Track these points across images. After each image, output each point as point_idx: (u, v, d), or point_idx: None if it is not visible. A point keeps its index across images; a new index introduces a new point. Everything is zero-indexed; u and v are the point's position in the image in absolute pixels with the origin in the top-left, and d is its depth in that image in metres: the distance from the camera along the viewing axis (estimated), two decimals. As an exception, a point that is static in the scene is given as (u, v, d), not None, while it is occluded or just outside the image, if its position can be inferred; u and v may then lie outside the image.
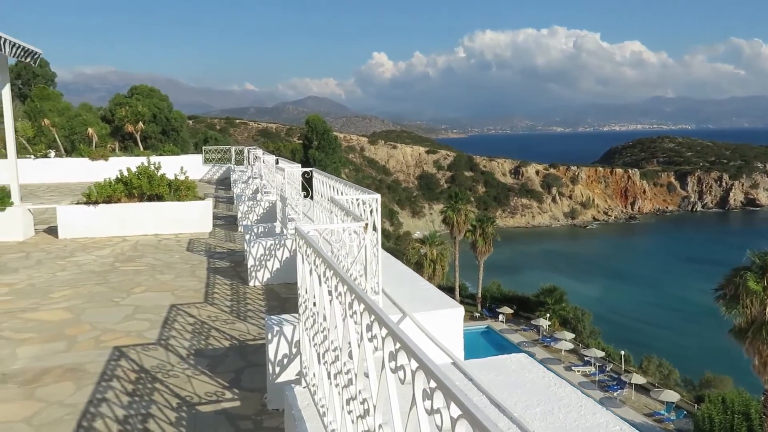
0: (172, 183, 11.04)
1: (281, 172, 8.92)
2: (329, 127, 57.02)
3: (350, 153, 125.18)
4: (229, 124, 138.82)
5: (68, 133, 31.34)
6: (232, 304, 6.29)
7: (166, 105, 43.30)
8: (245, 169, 19.11)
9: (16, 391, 4.20)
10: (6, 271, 7.84)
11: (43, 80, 42.16)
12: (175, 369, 4.54)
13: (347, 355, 2.22)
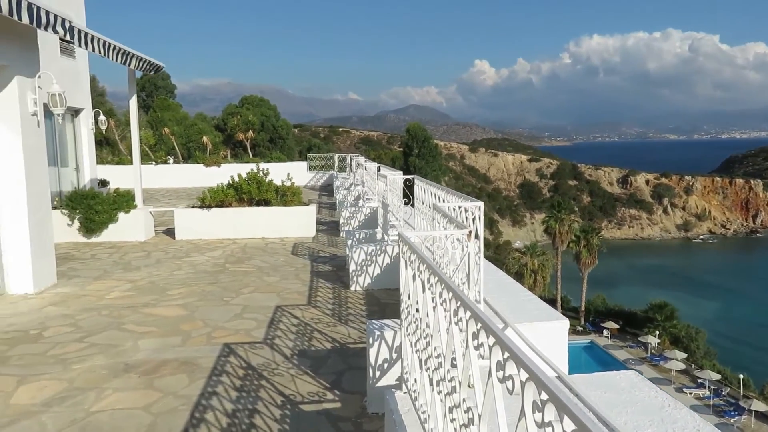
0: (279, 189, 11.47)
1: (383, 179, 9.03)
2: (429, 135, 57.18)
3: (450, 161, 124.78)
4: (332, 132, 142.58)
5: (185, 141, 33.41)
6: (333, 307, 6.43)
7: (273, 114, 45.17)
8: (347, 176, 19.52)
9: (137, 380, 4.51)
10: (130, 269, 8.45)
11: (165, 92, 45.22)
12: (280, 368, 4.69)
13: (451, 363, 2.21)
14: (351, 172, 18.93)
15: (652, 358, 37.78)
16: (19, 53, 6.89)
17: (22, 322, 5.99)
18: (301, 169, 24.07)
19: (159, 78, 44.35)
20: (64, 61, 14.02)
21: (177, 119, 37.32)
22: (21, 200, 6.96)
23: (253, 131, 34.69)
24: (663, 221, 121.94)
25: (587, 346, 40.10)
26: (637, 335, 41.63)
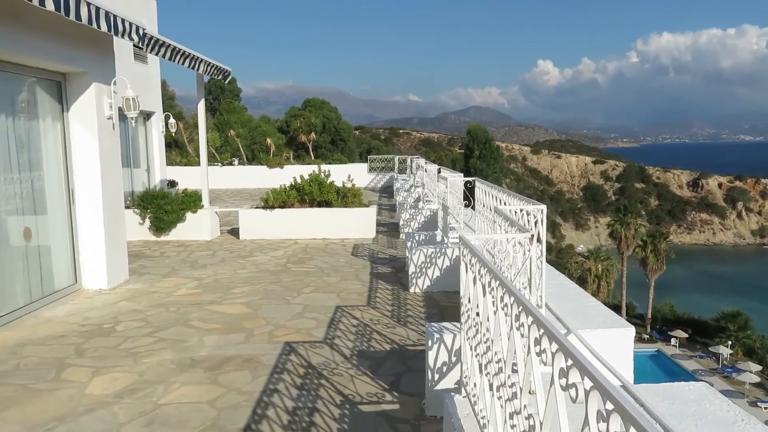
0: (340, 190, 11.60)
1: (443, 181, 9.00)
2: (491, 136, 56.56)
3: (512, 162, 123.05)
4: (392, 134, 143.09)
5: (249, 143, 34.26)
6: (393, 308, 6.45)
7: (335, 116, 45.73)
8: (407, 178, 19.54)
9: (202, 375, 4.65)
10: (196, 267, 8.74)
11: (231, 95, 46.51)
12: (339, 368, 4.75)
13: (511, 368, 2.18)
14: (411, 174, 18.94)
15: (724, 370, 36.10)
16: (97, 60, 7.23)
17: (96, 317, 6.29)
18: (362, 171, 24.26)
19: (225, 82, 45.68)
20: (137, 66, 14.64)
21: (242, 122, 38.34)
22: (97, 200, 7.30)
23: (315, 133, 35.21)
24: (737, 226, 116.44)
25: (654, 355, 38.69)
26: (708, 345, 39.86)
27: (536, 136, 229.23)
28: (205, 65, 10.21)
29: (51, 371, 4.77)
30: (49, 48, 6.28)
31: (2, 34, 5.53)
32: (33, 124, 6.81)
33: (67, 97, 7.15)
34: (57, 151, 7.11)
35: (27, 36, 5.90)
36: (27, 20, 5.83)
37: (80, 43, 6.84)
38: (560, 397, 1.60)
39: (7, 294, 6.24)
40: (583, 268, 45.72)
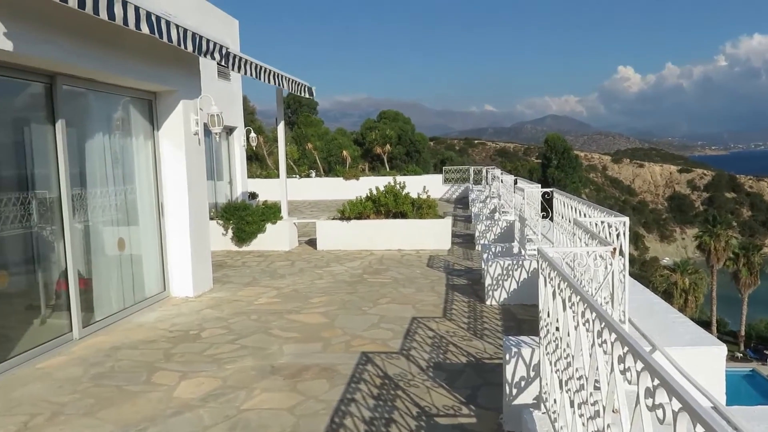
0: (415, 201, 11.64)
1: (520, 191, 8.86)
2: (569, 145, 55.23)
3: (591, 172, 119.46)
4: (467, 145, 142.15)
5: (326, 155, 34.95)
6: (469, 321, 6.40)
7: (410, 128, 45.95)
8: (483, 189, 19.35)
9: (282, 383, 4.78)
10: (276, 277, 8.99)
11: (308, 109, 47.64)
12: (416, 379, 4.75)
13: (593, 385, 2.13)
14: (486, 185, 18.75)
15: (828, 393, 33.51)
16: (184, 79, 7.61)
17: (183, 323, 6.58)
18: (437, 182, 24.23)
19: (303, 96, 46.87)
20: (221, 83, 15.27)
21: (319, 134, 39.19)
22: (184, 211, 7.66)
23: (390, 145, 35.52)
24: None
25: (748, 375, 36.31)
26: (809, 366, 37.14)
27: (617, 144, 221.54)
28: (287, 81, 10.53)
29: (142, 374, 5.03)
30: (142, 69, 6.67)
31: (102, 57, 5.93)
32: (127, 140, 7.25)
33: (157, 115, 7.57)
34: (148, 166, 7.52)
35: (124, 59, 6.29)
36: (123, 44, 6.22)
37: (170, 64, 7.23)
38: (646, 417, 1.55)
39: (103, 300, 6.63)
40: (669, 282, 43.61)
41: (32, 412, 4.33)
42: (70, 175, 5.99)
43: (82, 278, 6.22)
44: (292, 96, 44.80)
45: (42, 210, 5.82)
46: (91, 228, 6.53)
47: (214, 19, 14.95)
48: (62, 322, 5.95)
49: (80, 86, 6.29)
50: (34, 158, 5.83)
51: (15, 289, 5.66)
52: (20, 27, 4.77)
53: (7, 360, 5.15)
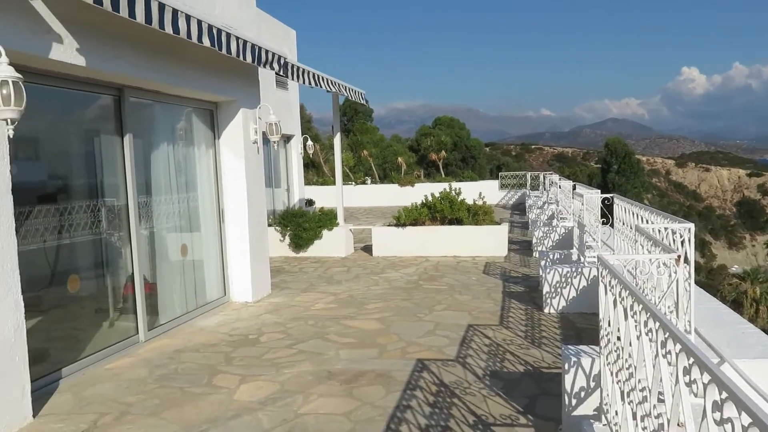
0: (471, 208, 11.56)
1: (579, 197, 8.68)
2: (630, 149, 53.75)
3: (654, 177, 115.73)
4: (524, 150, 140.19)
5: (381, 162, 35.13)
6: (526, 329, 6.30)
7: (465, 134, 45.69)
8: (540, 195, 19.05)
9: (338, 388, 4.82)
10: (332, 283, 9.09)
11: (363, 116, 48.04)
12: (472, 387, 4.71)
13: (657, 397, 2.06)
14: (544, 191, 18.44)
15: None
16: (243, 88, 7.82)
17: (243, 327, 6.73)
18: (493, 188, 23.99)
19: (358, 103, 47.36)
20: (278, 92, 15.59)
21: (374, 141, 39.44)
22: (243, 218, 7.85)
23: (445, 151, 35.41)
24: None
25: (826, 391, 34.34)
26: None
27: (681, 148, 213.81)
28: (343, 89, 10.66)
29: (204, 377, 5.17)
30: (204, 81, 6.89)
31: (167, 70, 6.16)
32: (189, 149, 7.49)
33: (218, 124, 7.80)
34: (209, 174, 7.75)
35: (187, 71, 6.52)
36: (186, 57, 6.45)
37: (230, 75, 7.44)
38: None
39: (167, 304, 6.86)
40: (739, 291, 41.66)
41: (101, 411, 4.52)
42: (137, 183, 6.24)
43: (148, 283, 6.46)
44: (347, 104, 45.29)
45: (110, 217, 6.08)
46: (155, 234, 6.78)
47: (273, 30, 15.30)
48: (129, 324, 6.18)
49: (146, 98, 6.54)
50: (104, 167, 6.10)
51: (86, 292, 5.93)
52: (92, 43, 5.01)
53: (78, 360, 5.39)
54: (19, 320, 4.35)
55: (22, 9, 4.33)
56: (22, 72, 3.98)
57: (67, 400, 4.75)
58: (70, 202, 5.66)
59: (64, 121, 5.78)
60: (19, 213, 4.51)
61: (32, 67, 4.67)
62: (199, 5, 6.66)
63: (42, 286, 5.39)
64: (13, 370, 4.27)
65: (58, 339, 5.56)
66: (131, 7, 4.64)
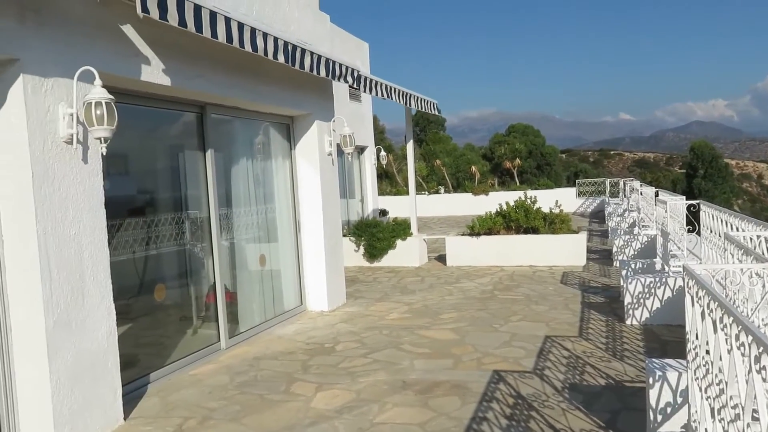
0: (547, 216, 11.31)
1: (662, 204, 8.34)
2: (718, 153, 51.10)
3: (744, 182, 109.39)
4: (602, 156, 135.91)
5: (454, 171, 34.96)
6: (607, 341, 6.09)
7: (540, 140, 44.86)
8: (620, 202, 18.42)
9: (413, 398, 4.81)
10: (406, 293, 9.10)
11: (436, 126, 48.03)
12: (550, 400, 4.59)
13: (751, 416, 1.94)
14: (624, 198, 17.81)
15: None
16: (318, 102, 8.00)
17: (319, 336, 6.85)
18: (570, 196, 23.39)
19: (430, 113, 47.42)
20: (352, 105, 15.84)
21: (447, 151, 39.34)
22: (319, 229, 8.00)
23: (519, 159, 34.87)
24: None
25: None
26: None
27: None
28: (415, 100, 10.72)
29: (282, 384, 5.29)
30: (281, 96, 7.10)
31: (245, 87, 6.38)
32: (267, 162, 7.73)
33: (293, 137, 8.00)
34: (286, 186, 7.96)
35: (265, 87, 6.74)
36: (264, 73, 6.66)
37: (305, 89, 7.63)
38: (815, 453, 1.39)
39: (247, 313, 7.08)
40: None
41: (186, 415, 4.70)
42: (218, 196, 6.49)
43: (228, 292, 6.69)
44: (420, 114, 45.40)
45: (193, 229, 6.35)
46: (235, 245, 7.02)
47: (346, 44, 15.59)
48: (211, 332, 6.42)
49: (226, 114, 6.80)
50: (187, 181, 6.38)
51: (171, 301, 6.20)
52: (176, 64, 5.26)
53: (164, 366, 5.64)
54: (112, 327, 4.60)
55: (114, 34, 4.61)
56: (113, 93, 4.23)
57: (155, 404, 4.97)
58: (157, 215, 5.95)
59: (150, 138, 6.09)
60: (111, 226, 4.78)
61: (122, 88, 4.95)
62: (276, 23, 6.88)
63: (131, 294, 5.69)
64: (105, 374, 4.52)
65: (146, 345, 5.84)
66: (213, 28, 4.85)
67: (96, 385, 4.42)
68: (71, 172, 4.26)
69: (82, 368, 4.30)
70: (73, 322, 4.23)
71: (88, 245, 4.40)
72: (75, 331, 4.25)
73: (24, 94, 3.90)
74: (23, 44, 3.89)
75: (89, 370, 4.36)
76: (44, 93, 4.04)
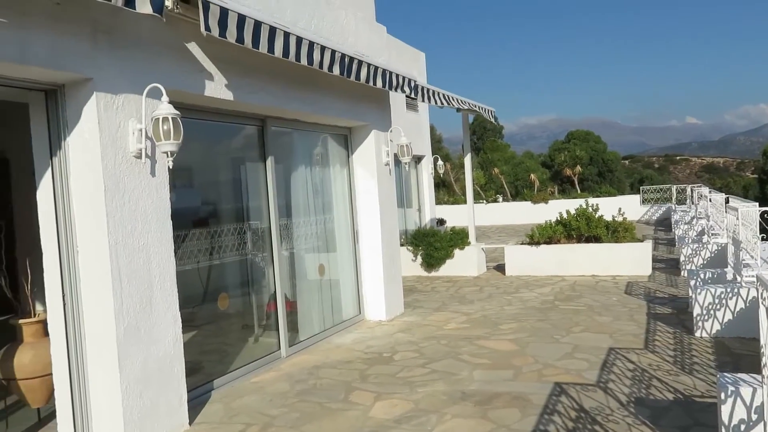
0: (610, 224, 11.02)
1: (733, 211, 7.98)
2: (794, 157, 48.51)
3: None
4: (668, 162, 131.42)
5: (513, 179, 34.54)
6: (675, 354, 5.86)
7: (602, 147, 43.79)
8: (688, 209, 17.74)
9: (472, 409, 4.76)
10: (465, 302, 9.03)
11: (493, 134, 47.62)
12: (615, 414, 4.46)
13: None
14: (692, 205, 17.15)
15: None
16: (376, 113, 8.07)
17: (377, 345, 6.87)
18: (634, 203, 22.71)
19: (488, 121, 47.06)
20: (409, 115, 15.90)
21: (505, 159, 38.93)
22: (377, 238, 8.05)
23: (580, 166, 34.10)
24: None
25: None
26: None
27: None
28: (471, 108, 10.67)
29: (341, 392, 5.33)
30: (339, 107, 7.20)
31: (304, 99, 6.51)
32: (325, 173, 7.85)
33: (351, 148, 8.10)
34: (344, 196, 8.05)
35: (323, 98, 6.85)
36: (322, 85, 6.78)
37: (363, 100, 7.71)
38: None
39: (307, 322, 7.18)
40: None
41: (248, 421, 4.80)
42: (278, 206, 6.63)
43: (289, 301, 6.80)
44: (477, 122, 45.12)
45: (255, 239, 6.50)
46: (295, 255, 7.14)
47: (403, 54, 15.67)
48: (272, 340, 6.54)
49: (286, 126, 6.95)
50: (249, 193, 6.55)
51: (233, 309, 6.36)
52: (238, 78, 5.43)
53: (227, 373, 5.78)
54: (177, 334, 4.75)
55: (179, 51, 4.80)
56: (178, 108, 4.40)
57: (218, 410, 5.10)
58: (220, 226, 6.13)
59: (213, 151, 6.29)
60: (176, 236, 4.95)
61: (187, 104, 5.13)
62: (334, 36, 7.00)
63: (196, 303, 5.87)
64: (172, 380, 4.67)
65: (210, 352, 6.01)
66: (270, 43, 4.98)
67: (163, 391, 4.57)
68: (140, 185, 4.44)
69: (150, 374, 4.46)
70: (141, 330, 4.40)
71: (156, 255, 4.57)
72: (143, 339, 4.41)
73: (97, 112, 4.10)
74: (96, 64, 4.09)
75: (156, 375, 4.51)
76: (115, 110, 4.24)
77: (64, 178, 4.23)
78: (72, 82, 4.14)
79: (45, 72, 3.86)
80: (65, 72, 3.93)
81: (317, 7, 6.79)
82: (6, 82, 3.88)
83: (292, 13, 6.27)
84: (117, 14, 4.18)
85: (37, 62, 3.70)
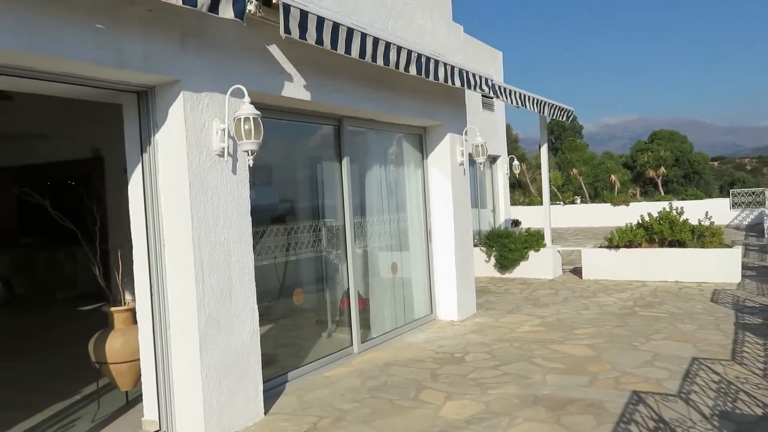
0: (696, 229, 10.51)
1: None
2: None
3: None
4: (762, 163, 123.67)
5: (592, 181, 33.53)
6: (765, 366, 5.53)
7: (688, 147, 41.82)
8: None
9: (545, 414, 4.67)
10: (539, 305, 8.86)
11: (572, 134, 46.40)
12: (696, 427, 4.26)
13: None
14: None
15: None
16: (451, 113, 8.04)
17: (448, 345, 6.85)
18: (722, 207, 21.57)
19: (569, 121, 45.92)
20: (485, 114, 15.74)
21: (584, 159, 37.84)
22: (450, 238, 8.02)
23: (664, 167, 32.71)
24: None
25: None
26: None
27: None
28: (549, 107, 10.45)
29: (411, 391, 5.36)
30: (414, 107, 7.23)
31: (380, 99, 6.57)
32: (399, 172, 7.90)
33: (425, 148, 8.11)
34: (417, 195, 8.07)
35: (399, 98, 6.90)
36: (398, 85, 6.83)
37: (438, 100, 7.71)
38: None
39: (378, 319, 7.25)
40: None
41: (320, 414, 4.91)
42: (352, 205, 6.73)
43: (361, 298, 6.90)
44: (555, 122, 44.04)
45: (329, 236, 6.63)
46: (369, 253, 7.23)
47: (480, 53, 15.52)
48: (344, 336, 6.65)
49: (362, 126, 7.05)
50: (324, 191, 6.68)
51: (308, 305, 6.52)
52: (316, 79, 5.55)
53: (301, 366, 5.93)
54: (255, 326, 4.92)
55: (261, 53, 4.97)
56: (259, 108, 4.55)
57: (291, 402, 5.24)
58: (296, 223, 6.30)
59: (291, 150, 6.47)
60: (255, 232, 5.12)
61: (267, 104, 5.29)
62: (410, 36, 7.04)
63: (272, 297, 6.05)
64: (249, 370, 4.84)
65: (285, 346, 6.18)
66: (348, 44, 5.07)
67: (240, 381, 4.74)
68: (222, 183, 4.63)
69: (228, 364, 4.63)
70: (221, 321, 4.58)
71: (236, 250, 4.75)
72: (223, 330, 4.59)
73: (184, 112, 4.31)
74: (184, 66, 4.30)
75: (234, 366, 4.69)
76: (201, 110, 4.44)
77: (153, 175, 4.47)
78: (162, 84, 4.37)
79: (138, 74, 4.09)
80: (156, 74, 4.15)
81: (393, 7, 6.84)
82: (103, 84, 4.14)
83: (369, 14, 6.35)
84: (203, 19, 4.38)
85: (132, 66, 3.93)
